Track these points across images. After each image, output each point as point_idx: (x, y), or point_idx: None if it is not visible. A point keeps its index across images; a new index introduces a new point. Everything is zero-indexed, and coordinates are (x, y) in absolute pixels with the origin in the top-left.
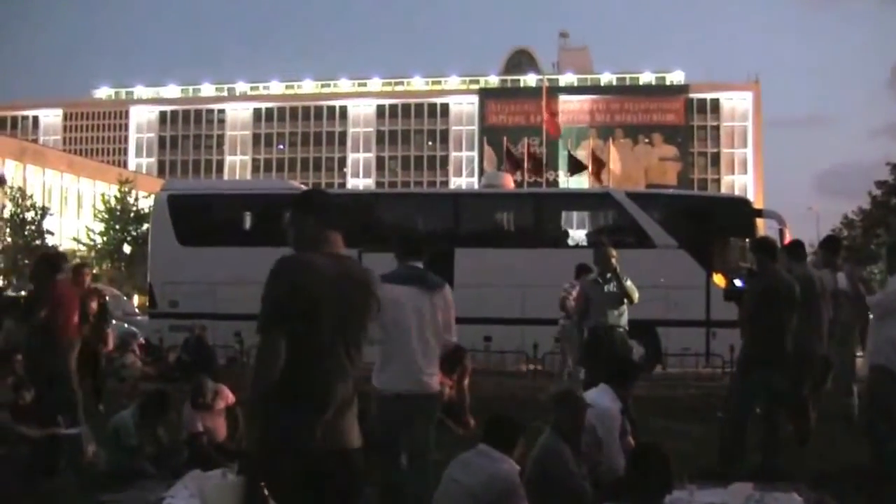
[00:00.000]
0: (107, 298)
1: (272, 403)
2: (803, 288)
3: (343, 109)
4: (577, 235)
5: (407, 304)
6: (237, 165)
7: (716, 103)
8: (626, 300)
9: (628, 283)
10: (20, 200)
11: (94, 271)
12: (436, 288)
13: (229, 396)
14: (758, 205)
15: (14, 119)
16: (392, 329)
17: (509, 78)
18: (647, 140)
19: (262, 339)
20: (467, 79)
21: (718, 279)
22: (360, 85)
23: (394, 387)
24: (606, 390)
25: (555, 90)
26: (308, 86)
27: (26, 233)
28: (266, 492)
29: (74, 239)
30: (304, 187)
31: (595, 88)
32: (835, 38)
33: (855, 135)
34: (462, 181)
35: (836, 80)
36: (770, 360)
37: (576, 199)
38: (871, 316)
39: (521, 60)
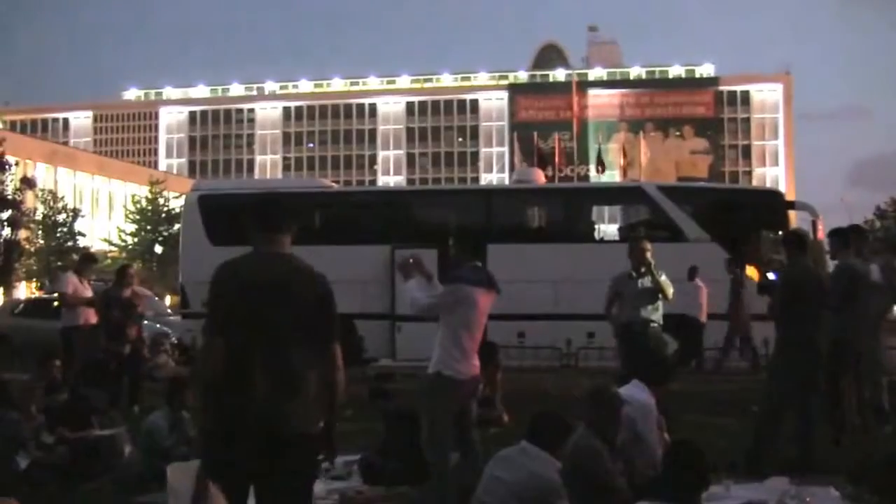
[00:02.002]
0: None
1: (211, 395)
2: (843, 279)
3: (372, 107)
4: (610, 230)
5: (478, 304)
6: (267, 164)
7: (746, 95)
8: (660, 295)
9: (663, 277)
10: (51, 203)
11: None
12: (496, 289)
13: None
14: (790, 197)
15: (44, 122)
16: (462, 325)
17: (538, 73)
18: (677, 133)
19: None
20: (496, 74)
21: (751, 272)
22: (388, 82)
23: (466, 373)
24: (640, 386)
25: (584, 85)
26: (337, 84)
27: (58, 235)
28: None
29: (106, 240)
30: (334, 185)
31: (625, 82)
32: (869, 28)
33: (890, 126)
34: (493, 177)
35: (870, 71)
36: (802, 354)
37: (607, 194)
38: None
39: (550, 55)
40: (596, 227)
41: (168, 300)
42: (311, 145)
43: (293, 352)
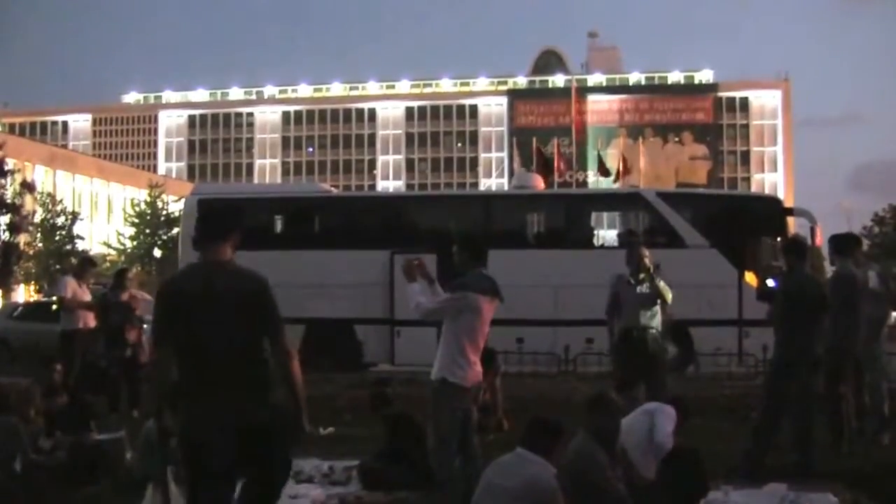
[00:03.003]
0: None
1: (180, 403)
2: (842, 285)
3: (372, 112)
4: (609, 236)
5: (483, 311)
6: (266, 169)
7: (745, 101)
8: (659, 301)
9: (661, 283)
10: (50, 206)
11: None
12: (500, 298)
13: None
14: (788, 203)
15: (44, 125)
16: (466, 331)
17: (538, 79)
18: (676, 139)
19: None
20: (496, 80)
21: (750, 278)
22: (388, 87)
23: (470, 379)
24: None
25: (584, 90)
26: (336, 88)
27: (57, 238)
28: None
29: (105, 243)
30: (334, 190)
31: (624, 88)
32: (868, 35)
33: (889, 133)
34: (492, 182)
35: (869, 78)
36: (801, 361)
37: (606, 200)
38: None
39: (549, 61)
40: (595, 233)
41: None
42: (311, 150)
43: (243, 352)
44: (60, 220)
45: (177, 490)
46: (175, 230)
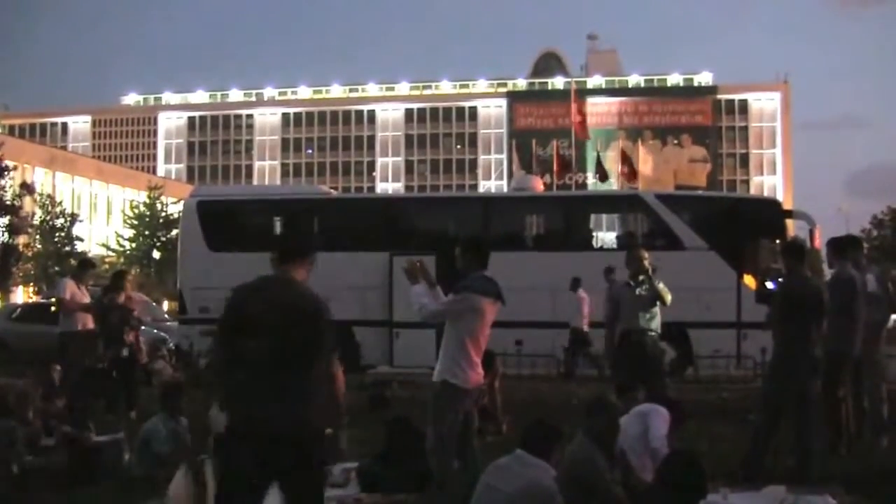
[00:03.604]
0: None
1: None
2: (841, 288)
3: (371, 114)
4: (608, 238)
5: (485, 314)
6: (266, 170)
7: (744, 104)
8: (658, 303)
9: (660, 285)
10: (50, 207)
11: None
12: (502, 301)
13: None
14: (787, 205)
15: (43, 126)
16: (468, 333)
17: (537, 81)
18: (675, 141)
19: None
20: (495, 82)
21: (749, 281)
22: (388, 89)
23: (471, 381)
24: (658, 414)
25: (583, 92)
26: (336, 90)
27: (56, 239)
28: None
29: (104, 245)
30: (333, 192)
31: (623, 90)
32: (868, 38)
33: (887, 136)
34: (491, 184)
35: (870, 81)
36: (800, 364)
37: (606, 202)
38: None
39: (549, 63)
40: (594, 235)
41: (166, 306)
42: (310, 151)
43: (295, 367)
44: (59, 222)
45: (210, 477)
46: (174, 232)
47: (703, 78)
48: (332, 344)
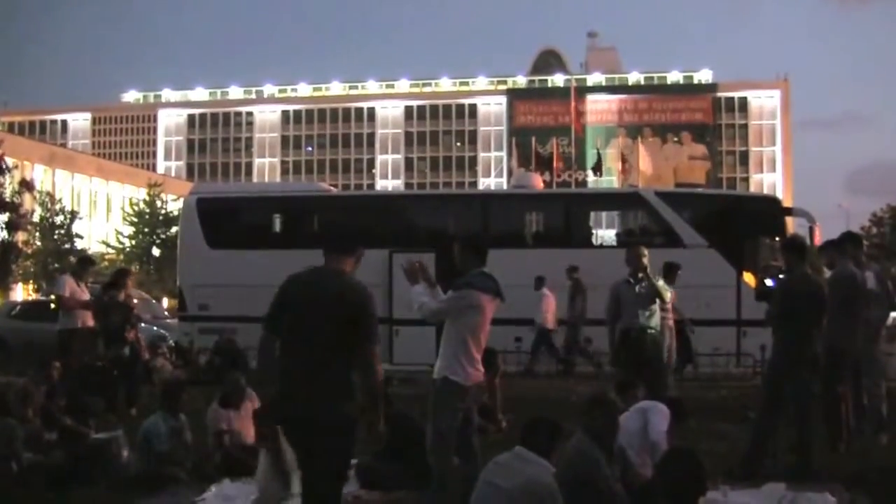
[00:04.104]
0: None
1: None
2: (841, 285)
3: (371, 111)
4: (608, 235)
5: (485, 310)
6: (265, 168)
7: (744, 102)
8: (657, 300)
9: (660, 282)
10: (49, 205)
11: None
12: (501, 297)
13: (255, 400)
14: (787, 203)
15: (43, 123)
16: (469, 330)
17: (537, 78)
18: (675, 139)
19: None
20: (495, 79)
21: (749, 278)
22: (387, 86)
23: (471, 378)
24: (657, 412)
25: (583, 90)
26: (336, 88)
27: (56, 237)
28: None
29: (104, 242)
30: (333, 189)
31: (623, 88)
32: (867, 36)
33: (887, 134)
34: (491, 182)
35: (868, 79)
36: (799, 361)
37: (605, 199)
38: None
39: (549, 61)
40: (594, 232)
41: (165, 303)
42: (310, 149)
43: (333, 351)
44: (59, 219)
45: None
46: (174, 229)
47: (703, 75)
48: (373, 333)
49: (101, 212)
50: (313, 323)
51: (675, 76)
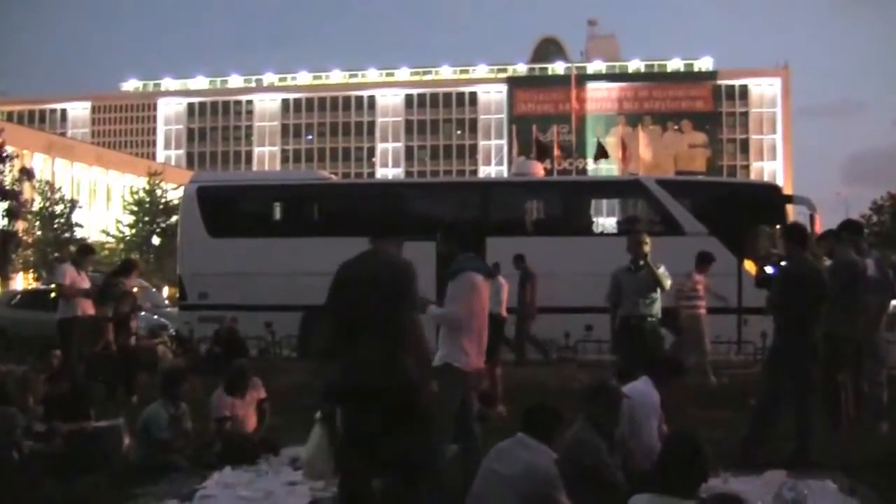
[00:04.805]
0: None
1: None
2: (842, 272)
3: (371, 99)
4: (608, 223)
5: (483, 292)
6: (266, 156)
7: (744, 89)
8: (658, 288)
9: (660, 270)
10: (49, 194)
11: None
12: (492, 277)
13: (261, 391)
14: (787, 191)
15: (42, 112)
16: (471, 314)
17: (537, 66)
18: (676, 127)
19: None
20: (495, 67)
21: (749, 266)
22: (388, 75)
23: (472, 364)
24: (647, 382)
25: (583, 78)
26: (336, 76)
27: (55, 226)
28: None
29: (103, 231)
30: (333, 177)
31: (623, 76)
32: (868, 23)
33: (887, 121)
34: (491, 170)
35: (868, 66)
36: (800, 348)
37: (606, 187)
38: None
39: (549, 49)
40: (594, 220)
41: (166, 292)
42: (310, 137)
43: (383, 327)
44: (59, 208)
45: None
46: (174, 218)
47: (704, 63)
48: (415, 304)
49: (100, 201)
50: (365, 301)
51: (675, 64)
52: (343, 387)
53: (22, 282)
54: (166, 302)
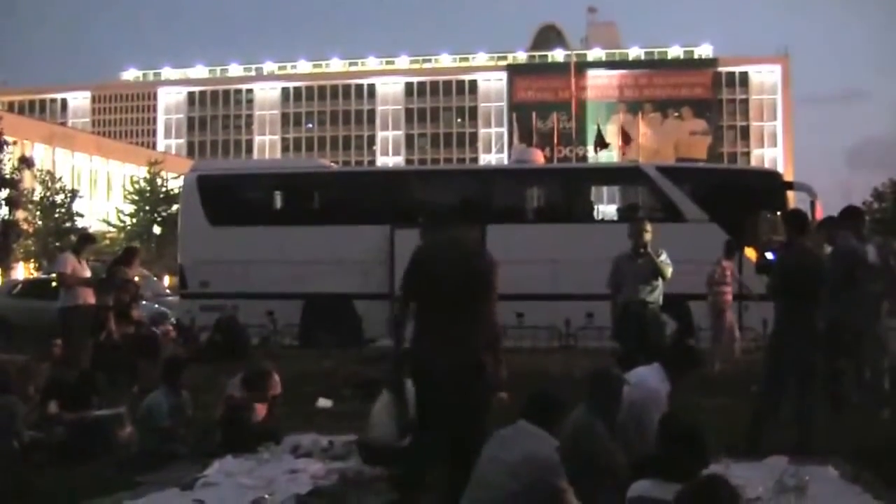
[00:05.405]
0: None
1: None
2: (843, 259)
3: (371, 88)
4: (608, 210)
5: None
6: (266, 145)
7: (745, 76)
8: (659, 275)
9: (661, 257)
10: (49, 183)
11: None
12: None
13: (277, 386)
14: (788, 177)
15: (42, 102)
16: None
17: (537, 54)
18: (676, 114)
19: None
20: (495, 55)
21: (750, 252)
22: (387, 63)
23: None
24: (658, 370)
25: (583, 65)
26: (336, 64)
27: (56, 216)
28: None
29: (104, 221)
30: (334, 166)
31: (623, 63)
32: (868, 11)
33: (888, 108)
34: (491, 158)
35: (869, 53)
36: (801, 335)
37: (606, 174)
38: None
39: (549, 36)
40: (595, 207)
41: (167, 281)
42: (310, 126)
43: (459, 309)
44: (60, 198)
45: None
46: (175, 207)
47: (704, 50)
48: (493, 293)
49: (101, 190)
50: (442, 285)
51: (675, 51)
52: (416, 362)
53: (23, 271)
54: (167, 291)
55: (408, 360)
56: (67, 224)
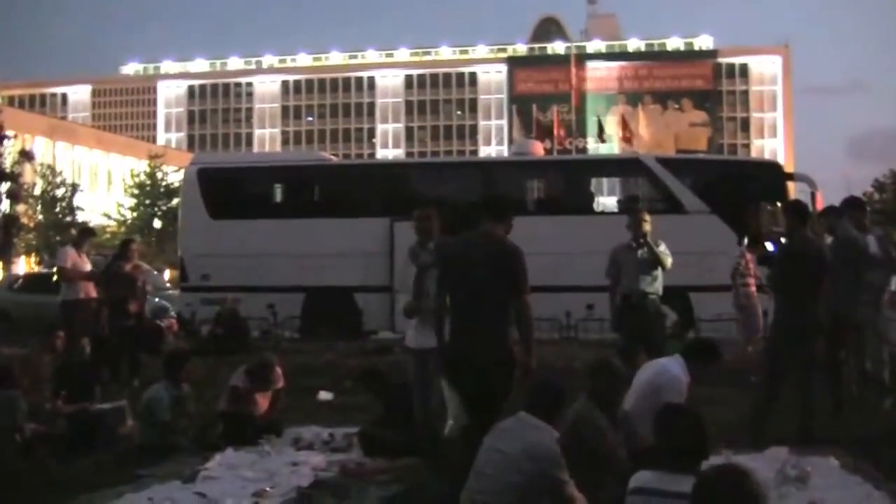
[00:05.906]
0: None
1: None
2: (844, 249)
3: (371, 80)
4: (609, 202)
5: None
6: (266, 138)
7: (745, 68)
8: (659, 266)
9: (661, 248)
10: (50, 177)
11: None
12: None
13: (280, 380)
14: (788, 169)
15: (43, 96)
16: None
17: (537, 46)
18: (676, 106)
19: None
20: (495, 47)
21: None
22: (387, 56)
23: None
24: (678, 361)
25: (583, 57)
26: (336, 57)
27: (57, 210)
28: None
29: (105, 214)
30: (334, 158)
31: (623, 55)
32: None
33: (889, 100)
34: (491, 150)
35: (870, 45)
36: (801, 326)
37: (606, 166)
38: None
39: (548, 28)
40: (595, 199)
41: (167, 274)
42: (310, 119)
43: (490, 302)
44: (60, 192)
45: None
46: (175, 201)
47: (704, 42)
48: (524, 285)
49: (102, 184)
50: (473, 278)
51: (675, 42)
52: (449, 353)
53: (24, 265)
54: (168, 284)
55: (440, 356)
56: (68, 218)
